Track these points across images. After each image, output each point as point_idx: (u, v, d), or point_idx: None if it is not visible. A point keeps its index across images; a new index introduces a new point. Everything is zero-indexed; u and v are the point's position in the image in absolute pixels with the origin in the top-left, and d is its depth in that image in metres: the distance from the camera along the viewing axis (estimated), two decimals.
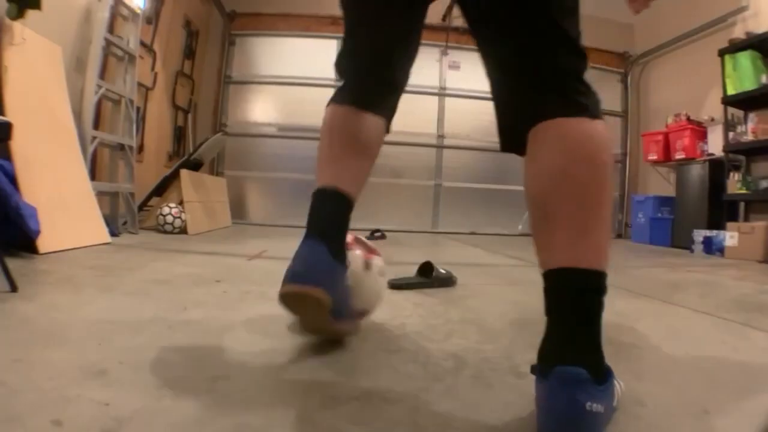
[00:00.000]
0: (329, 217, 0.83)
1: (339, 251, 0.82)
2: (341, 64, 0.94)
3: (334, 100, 0.92)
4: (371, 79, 0.91)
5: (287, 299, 0.78)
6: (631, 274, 2.36)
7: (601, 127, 0.65)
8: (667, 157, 4.61)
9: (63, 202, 2.12)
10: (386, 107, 0.93)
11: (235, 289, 1.42)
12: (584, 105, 0.65)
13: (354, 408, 0.65)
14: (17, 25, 2.06)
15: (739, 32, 3.92)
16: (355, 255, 0.96)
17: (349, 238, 0.94)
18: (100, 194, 2.55)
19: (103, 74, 2.82)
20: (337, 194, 0.84)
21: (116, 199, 2.88)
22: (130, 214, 2.97)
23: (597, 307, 0.62)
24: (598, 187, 0.62)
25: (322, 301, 0.75)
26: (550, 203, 0.63)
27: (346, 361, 0.85)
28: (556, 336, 0.60)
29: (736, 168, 3.82)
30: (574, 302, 0.61)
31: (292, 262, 0.79)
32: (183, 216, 3.17)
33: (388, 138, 0.98)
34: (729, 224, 3.55)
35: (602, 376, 0.59)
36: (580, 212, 0.61)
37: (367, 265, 0.98)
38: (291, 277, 0.77)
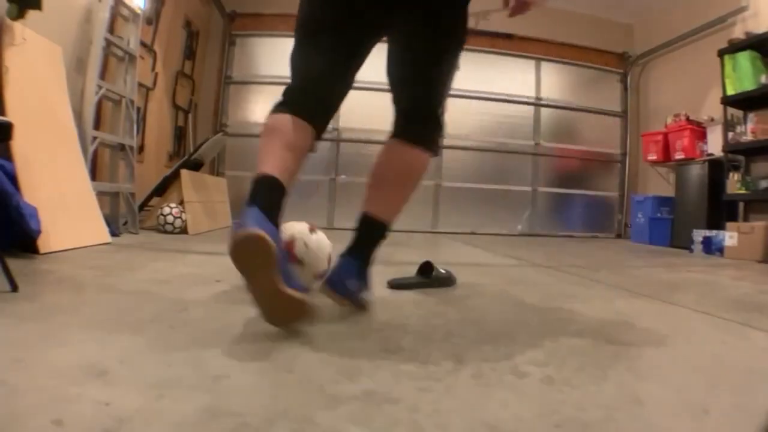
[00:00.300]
0: (269, 197, 0.99)
1: (276, 224, 0.96)
2: (291, 91, 1.15)
3: (275, 110, 1.13)
4: (316, 98, 1.14)
5: (236, 248, 0.87)
6: (630, 274, 2.36)
7: (425, 157, 1.21)
8: (666, 157, 4.61)
9: (63, 202, 2.12)
10: (320, 122, 1.15)
11: (236, 289, 1.42)
12: (425, 146, 1.21)
13: (354, 408, 0.65)
14: (18, 26, 2.06)
15: (738, 32, 3.92)
16: (302, 225, 1.35)
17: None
18: (100, 194, 2.55)
19: (103, 74, 2.82)
20: (276, 181, 1.01)
21: (117, 199, 2.88)
22: (130, 214, 2.98)
23: (375, 238, 1.21)
24: (405, 186, 1.22)
25: (267, 244, 0.85)
26: (382, 181, 1.21)
27: (346, 360, 0.85)
28: (351, 246, 1.19)
29: (736, 168, 3.82)
30: (365, 231, 1.21)
31: (234, 222, 1.00)
32: (183, 216, 3.17)
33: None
34: (728, 224, 3.55)
35: (363, 275, 1.19)
36: (392, 192, 1.21)
37: (312, 229, 1.36)
38: (236, 227, 0.90)
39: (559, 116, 5.46)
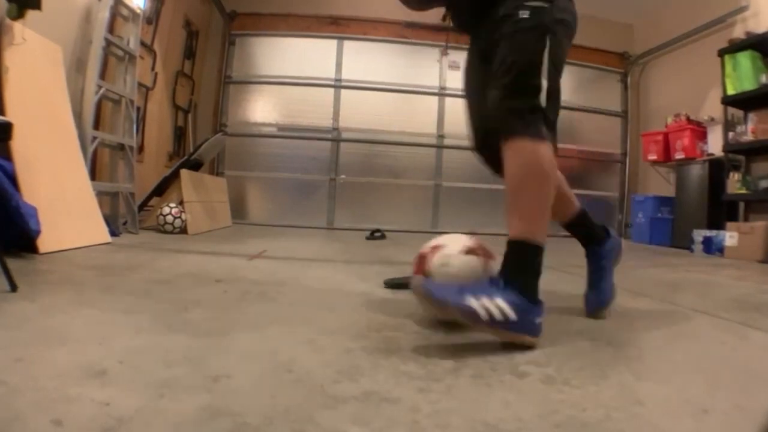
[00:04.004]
0: None
1: None
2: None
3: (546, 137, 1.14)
4: None
5: None
6: (631, 274, 2.36)
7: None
8: (666, 157, 4.61)
9: (63, 202, 2.12)
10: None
11: (235, 289, 1.42)
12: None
13: (354, 407, 0.65)
14: (17, 26, 2.06)
15: (739, 32, 3.92)
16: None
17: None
18: (100, 194, 2.55)
19: (103, 74, 2.82)
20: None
21: (116, 199, 2.88)
22: (130, 214, 2.98)
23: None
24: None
25: None
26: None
27: (346, 360, 0.85)
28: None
29: (736, 168, 3.82)
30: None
31: None
32: (183, 216, 3.17)
33: (389, 138, 1.02)
34: (729, 224, 3.55)
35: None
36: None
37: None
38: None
39: (560, 116, 5.45)
